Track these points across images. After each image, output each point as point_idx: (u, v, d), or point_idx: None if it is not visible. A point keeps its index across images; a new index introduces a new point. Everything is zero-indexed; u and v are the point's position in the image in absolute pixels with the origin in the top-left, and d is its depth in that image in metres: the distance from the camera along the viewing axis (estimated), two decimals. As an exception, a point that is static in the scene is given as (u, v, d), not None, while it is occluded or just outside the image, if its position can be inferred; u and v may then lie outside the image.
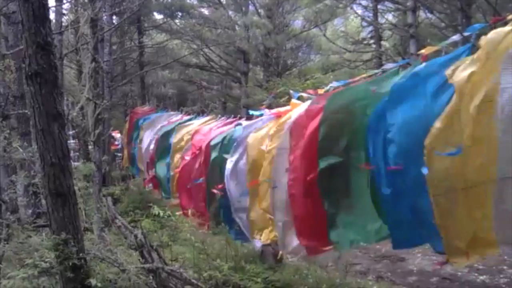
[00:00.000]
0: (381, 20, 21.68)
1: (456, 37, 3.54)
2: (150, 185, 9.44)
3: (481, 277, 8.17)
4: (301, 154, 4.19)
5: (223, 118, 7.42)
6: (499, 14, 9.24)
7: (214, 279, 6.53)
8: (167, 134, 8.21)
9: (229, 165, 5.54)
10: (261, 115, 5.65)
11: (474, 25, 3.33)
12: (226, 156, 5.70)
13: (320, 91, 4.90)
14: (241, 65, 18.57)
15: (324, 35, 21.74)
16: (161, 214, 7.41)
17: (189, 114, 9.39)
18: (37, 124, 4.21)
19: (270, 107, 6.24)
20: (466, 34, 3.26)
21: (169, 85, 25.64)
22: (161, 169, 8.29)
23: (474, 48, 3.04)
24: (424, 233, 3.34)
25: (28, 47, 4.11)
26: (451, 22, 17.27)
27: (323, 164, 3.97)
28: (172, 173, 7.53)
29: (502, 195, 2.70)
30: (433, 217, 3.11)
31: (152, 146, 8.90)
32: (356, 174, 3.88)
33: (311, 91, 5.22)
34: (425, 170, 2.99)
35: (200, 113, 10.66)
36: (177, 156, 7.32)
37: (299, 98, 5.20)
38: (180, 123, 8.20)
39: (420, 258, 9.33)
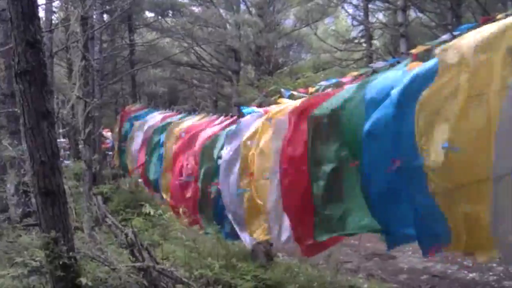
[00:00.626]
0: (371, 19, 21.81)
1: (446, 36, 3.54)
2: (141, 181, 9.40)
3: (471, 275, 8.23)
4: (293, 151, 4.20)
5: (214, 116, 7.40)
6: (488, 14, 9.32)
7: (205, 277, 6.51)
8: (158, 132, 8.18)
9: (222, 163, 5.53)
10: (252, 112, 5.64)
11: (464, 24, 3.35)
12: (220, 153, 5.68)
13: (311, 90, 4.92)
14: (232, 63, 18.60)
15: (315, 34, 21.80)
16: (152, 213, 7.38)
17: (180, 113, 9.36)
18: (26, 122, 4.18)
19: (261, 105, 6.24)
20: (456, 33, 3.27)
21: (160, 84, 25.63)
22: (151, 167, 8.27)
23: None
24: (415, 231, 3.34)
25: (17, 45, 4.09)
26: (441, 21, 17.42)
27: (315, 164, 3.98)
28: (162, 171, 7.51)
29: (498, 194, 2.66)
30: (422, 216, 3.13)
31: (142, 145, 8.88)
32: (347, 172, 3.88)
33: (302, 90, 5.23)
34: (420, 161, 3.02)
35: (192, 111, 10.64)
36: (168, 155, 7.30)
37: (290, 97, 5.21)
38: (171, 122, 8.17)
39: (410, 256, 9.39)
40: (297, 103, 4.58)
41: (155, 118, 9.20)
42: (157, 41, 20.40)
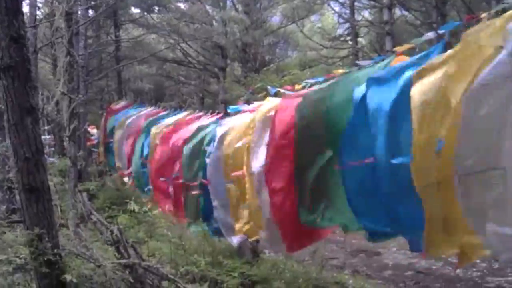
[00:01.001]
0: (357, 17, 21.90)
1: (430, 35, 3.57)
2: (127, 179, 9.34)
3: (455, 271, 8.33)
4: (278, 150, 4.21)
5: (201, 113, 7.39)
6: (473, 12, 9.41)
7: (191, 274, 6.53)
8: (144, 129, 8.14)
9: (209, 160, 5.52)
10: (239, 111, 5.64)
11: (448, 23, 3.37)
12: (206, 148, 5.66)
13: (297, 87, 4.93)
14: (219, 60, 18.55)
15: (301, 31, 21.85)
16: (137, 210, 7.37)
17: (166, 110, 9.32)
18: (10, 118, 4.14)
19: (248, 102, 6.23)
20: (440, 31, 3.30)
21: (146, 80, 25.49)
22: (137, 164, 8.22)
23: (448, 46, 3.08)
24: (397, 227, 3.37)
25: (0, 40, 4.05)
26: (426, 19, 17.55)
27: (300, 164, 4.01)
28: (148, 168, 7.47)
29: (466, 192, 2.68)
30: (408, 211, 3.15)
31: (129, 141, 8.82)
32: (332, 173, 3.91)
33: (288, 87, 5.24)
34: (400, 160, 3.04)
35: (178, 108, 10.60)
36: (153, 152, 7.26)
37: (276, 94, 5.21)
38: (157, 120, 8.14)
39: (395, 252, 9.48)
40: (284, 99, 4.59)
41: (141, 114, 9.15)
42: (143, 37, 20.28)
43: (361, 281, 7.94)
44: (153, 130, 7.53)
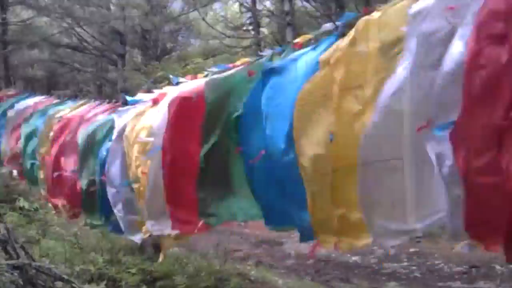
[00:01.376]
0: (259, 6, 22.06)
1: (328, 26, 3.58)
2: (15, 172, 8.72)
3: (354, 258, 8.71)
4: (180, 137, 4.08)
5: (97, 102, 7.01)
6: (370, 5, 9.78)
7: (88, 273, 6.24)
8: (32, 120, 7.61)
9: (106, 154, 5.23)
10: (138, 101, 5.41)
11: (346, 14, 3.41)
12: (107, 145, 5.38)
13: (200, 76, 4.81)
14: (117, 46, 17.95)
15: (203, 19, 21.62)
16: (28, 207, 6.90)
17: (58, 98, 8.78)
18: None
19: (149, 92, 6.03)
20: (338, 23, 3.32)
21: (37, 67, 23.97)
22: (27, 158, 7.69)
23: (342, 37, 3.09)
24: (292, 217, 3.37)
25: None
26: (325, 11, 18.07)
27: (205, 148, 3.91)
28: (39, 162, 7.00)
29: (366, 181, 2.67)
30: (299, 203, 3.14)
31: (15, 134, 8.22)
32: (233, 158, 3.86)
33: (191, 77, 5.10)
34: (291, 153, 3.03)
35: (73, 97, 10.05)
36: (44, 145, 6.81)
37: (178, 84, 5.06)
38: (49, 110, 7.63)
39: (297, 241, 9.70)
40: (181, 87, 4.48)
41: (30, 104, 8.55)
42: (33, 20, 19.00)
43: (264, 271, 8.03)
44: (46, 121, 7.06)
